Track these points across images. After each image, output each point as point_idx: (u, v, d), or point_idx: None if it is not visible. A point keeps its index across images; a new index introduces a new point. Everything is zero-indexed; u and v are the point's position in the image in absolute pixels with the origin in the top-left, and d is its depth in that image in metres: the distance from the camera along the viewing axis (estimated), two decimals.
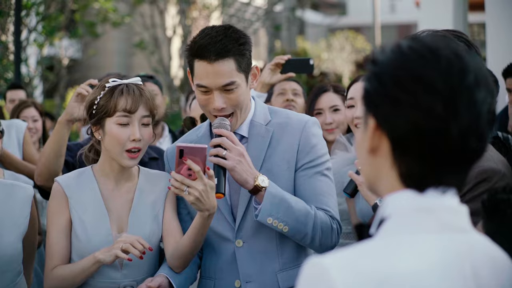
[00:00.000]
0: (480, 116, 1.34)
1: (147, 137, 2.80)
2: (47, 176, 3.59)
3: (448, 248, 1.34)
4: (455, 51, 1.36)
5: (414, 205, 1.36)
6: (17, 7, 9.14)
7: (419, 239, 1.33)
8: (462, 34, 2.47)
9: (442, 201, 1.37)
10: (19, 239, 2.81)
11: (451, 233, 1.36)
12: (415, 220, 1.35)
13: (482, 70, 1.37)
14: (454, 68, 1.33)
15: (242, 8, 18.82)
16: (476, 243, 1.39)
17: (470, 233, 1.40)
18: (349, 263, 1.30)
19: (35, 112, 5.75)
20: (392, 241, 1.34)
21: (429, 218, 1.35)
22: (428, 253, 1.32)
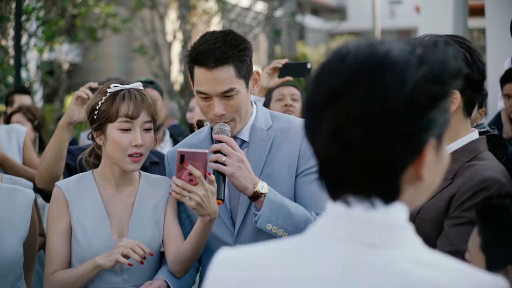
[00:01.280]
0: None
1: (148, 143, 2.80)
2: (48, 180, 3.59)
3: (347, 261, 1.25)
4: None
5: (329, 212, 1.31)
6: (18, 12, 9.14)
7: (320, 247, 1.28)
8: (464, 40, 2.47)
9: (360, 211, 1.27)
10: (20, 243, 2.81)
11: (355, 246, 1.26)
12: (322, 227, 1.30)
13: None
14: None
15: (242, 13, 18.84)
16: (383, 260, 1.24)
17: (382, 249, 1.25)
18: (236, 258, 1.32)
19: (21, 117, 5.71)
20: (290, 244, 1.32)
21: (335, 227, 1.29)
22: (324, 262, 1.26)
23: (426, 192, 1.34)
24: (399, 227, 1.27)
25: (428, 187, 1.32)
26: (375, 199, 1.26)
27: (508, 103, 5.28)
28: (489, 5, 7.37)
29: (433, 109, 1.24)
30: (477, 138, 2.48)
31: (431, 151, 1.27)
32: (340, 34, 31.98)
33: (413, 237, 1.29)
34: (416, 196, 1.31)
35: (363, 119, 1.22)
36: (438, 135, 1.28)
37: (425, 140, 1.25)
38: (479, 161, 2.40)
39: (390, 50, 1.25)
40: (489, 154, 2.46)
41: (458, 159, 2.42)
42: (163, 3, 16.53)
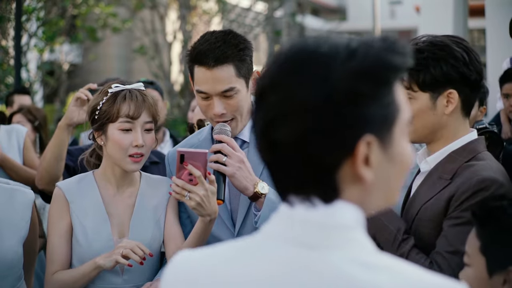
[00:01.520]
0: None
1: (149, 143, 2.80)
2: (48, 180, 3.59)
3: (282, 263, 1.21)
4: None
5: (278, 212, 1.29)
6: (18, 12, 9.15)
7: (252, 247, 1.26)
8: (462, 40, 2.47)
9: (295, 210, 1.24)
10: (19, 243, 2.80)
11: (293, 247, 1.22)
12: (270, 228, 1.28)
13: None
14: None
15: (243, 13, 18.84)
16: (323, 263, 1.20)
17: (321, 250, 1.20)
18: (191, 260, 1.31)
19: (21, 117, 5.71)
20: (241, 245, 1.29)
21: (279, 228, 1.26)
22: (259, 264, 1.23)
23: (384, 195, 1.27)
24: (342, 228, 1.21)
25: (383, 188, 1.25)
26: (315, 198, 1.22)
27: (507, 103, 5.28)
28: (489, 6, 7.37)
29: (363, 104, 1.18)
30: (476, 138, 2.48)
31: (373, 149, 1.20)
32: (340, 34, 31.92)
33: (359, 238, 1.22)
34: (367, 198, 1.24)
35: (286, 117, 1.19)
36: (378, 132, 1.20)
37: (355, 137, 1.18)
38: (478, 161, 2.40)
39: (319, 46, 1.22)
40: (487, 154, 2.46)
41: (456, 159, 2.42)
42: (163, 4, 16.53)
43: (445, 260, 2.30)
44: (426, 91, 2.42)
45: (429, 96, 2.42)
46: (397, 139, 1.24)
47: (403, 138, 1.26)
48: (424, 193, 2.47)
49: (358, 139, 1.18)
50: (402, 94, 1.26)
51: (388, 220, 2.43)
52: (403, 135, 1.26)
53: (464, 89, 2.42)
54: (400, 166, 1.26)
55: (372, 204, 1.26)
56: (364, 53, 1.20)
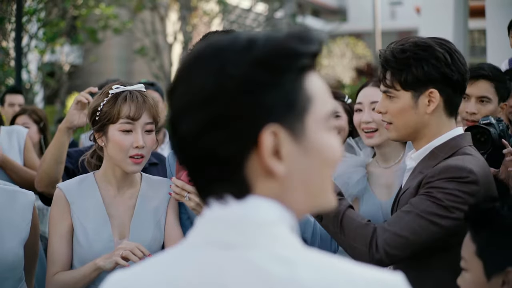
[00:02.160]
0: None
1: (150, 144, 2.80)
2: (47, 183, 3.59)
3: (194, 264, 1.18)
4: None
5: (201, 215, 1.23)
6: (18, 13, 9.15)
7: (179, 253, 1.22)
8: (446, 42, 2.52)
9: (215, 212, 1.19)
10: (20, 245, 2.80)
11: (208, 247, 1.18)
12: (192, 232, 1.23)
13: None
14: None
15: (243, 14, 18.86)
16: (236, 261, 1.15)
17: (238, 249, 1.16)
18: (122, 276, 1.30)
19: (27, 119, 5.70)
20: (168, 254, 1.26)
21: (198, 228, 1.21)
22: (174, 268, 1.20)
23: (307, 191, 1.21)
24: (259, 224, 1.16)
25: (303, 183, 1.20)
26: (227, 195, 1.17)
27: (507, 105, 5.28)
28: (489, 6, 7.37)
29: (260, 93, 1.14)
30: (459, 134, 2.52)
31: (282, 140, 1.15)
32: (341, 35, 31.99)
33: (280, 234, 1.16)
34: (286, 193, 1.19)
35: (185, 111, 1.18)
36: (285, 122, 1.15)
37: (255, 127, 1.14)
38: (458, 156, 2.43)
39: (222, 38, 1.20)
40: (470, 149, 2.49)
41: (438, 156, 2.47)
42: (163, 5, 16.55)
43: (385, 233, 2.35)
44: (408, 90, 2.47)
45: (411, 95, 2.47)
46: (312, 130, 1.18)
47: (321, 130, 1.20)
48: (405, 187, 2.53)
49: (260, 129, 1.14)
50: (319, 84, 1.22)
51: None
52: (322, 127, 1.20)
53: (446, 89, 2.46)
54: (319, 159, 1.20)
55: (296, 202, 1.20)
56: (263, 43, 1.17)
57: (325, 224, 2.44)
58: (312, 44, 1.19)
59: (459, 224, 2.28)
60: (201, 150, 1.16)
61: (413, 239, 2.32)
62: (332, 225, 2.42)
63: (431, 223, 2.31)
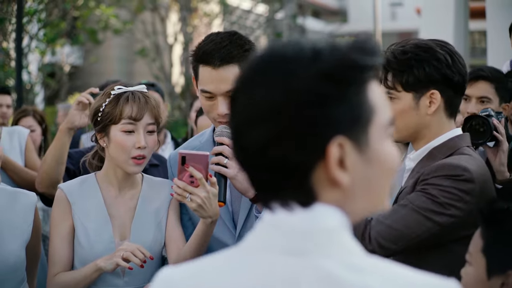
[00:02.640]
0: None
1: (151, 145, 2.80)
2: (48, 183, 3.60)
3: (258, 271, 1.19)
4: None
5: (263, 223, 1.23)
6: (19, 14, 9.16)
7: (243, 258, 1.22)
8: (446, 43, 2.55)
9: (279, 217, 1.20)
10: (22, 247, 2.80)
11: (273, 255, 1.19)
12: (253, 236, 1.23)
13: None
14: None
15: (244, 15, 18.86)
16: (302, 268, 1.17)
17: (308, 255, 1.17)
18: (176, 276, 1.27)
19: (33, 121, 5.71)
20: (224, 257, 1.25)
21: (260, 235, 1.22)
22: (241, 274, 1.20)
23: (368, 198, 1.23)
24: (325, 231, 1.18)
25: (365, 192, 1.22)
26: (293, 203, 1.19)
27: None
28: (490, 7, 7.37)
29: (330, 105, 1.15)
30: (458, 135, 2.54)
31: (347, 151, 1.17)
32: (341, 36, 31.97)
33: (345, 241, 1.19)
34: (349, 202, 1.21)
35: (252, 121, 1.18)
36: (351, 133, 1.17)
37: (323, 139, 1.15)
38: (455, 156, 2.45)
39: (285, 48, 1.20)
40: (469, 150, 2.51)
41: (436, 156, 2.49)
42: (164, 6, 16.55)
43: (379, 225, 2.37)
44: (409, 91, 2.49)
45: (412, 96, 2.49)
46: (374, 140, 1.20)
47: (383, 139, 1.21)
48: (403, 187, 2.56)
49: (328, 142, 1.15)
50: (380, 94, 1.22)
51: None
52: (383, 136, 1.21)
53: (447, 90, 2.48)
54: (381, 168, 1.22)
55: (356, 209, 1.22)
56: (329, 54, 1.18)
57: None
58: (375, 56, 1.21)
59: (454, 221, 2.31)
60: (267, 160, 1.18)
61: (406, 233, 2.35)
62: None
63: (426, 218, 2.34)
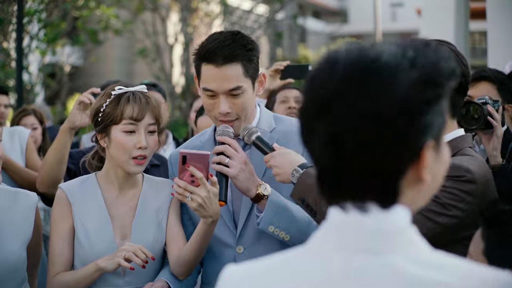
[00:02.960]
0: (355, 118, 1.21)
1: (152, 145, 2.80)
2: (49, 183, 3.60)
3: (333, 269, 1.23)
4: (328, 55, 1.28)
5: (331, 222, 1.28)
6: (19, 14, 9.15)
7: (317, 258, 1.25)
8: (448, 44, 2.55)
9: (354, 217, 1.25)
10: (23, 247, 2.80)
11: (348, 253, 1.23)
12: (321, 235, 1.28)
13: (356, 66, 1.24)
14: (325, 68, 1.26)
15: (244, 16, 18.86)
16: (380, 266, 1.22)
17: (381, 255, 1.23)
18: (243, 273, 1.30)
19: (35, 120, 5.73)
20: (293, 257, 1.29)
21: (333, 237, 1.26)
22: (318, 274, 1.23)
23: (429, 193, 1.32)
24: (401, 231, 1.24)
25: (430, 187, 1.30)
26: (372, 204, 1.24)
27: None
28: (490, 8, 7.37)
29: (428, 112, 1.21)
30: (461, 136, 2.54)
31: (430, 152, 1.24)
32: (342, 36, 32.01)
33: (415, 239, 1.25)
34: (418, 198, 1.29)
35: (356, 125, 1.20)
36: (436, 137, 1.25)
37: (422, 143, 1.22)
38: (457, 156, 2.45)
39: (380, 55, 1.23)
40: (471, 151, 2.52)
41: None
42: (164, 6, 16.55)
43: None
44: None
45: None
46: (442, 141, 1.30)
47: (443, 139, 1.31)
48: None
49: (422, 146, 1.22)
50: None
51: (313, 180, 2.46)
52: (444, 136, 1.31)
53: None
54: (444, 164, 1.32)
55: (420, 203, 1.31)
56: (422, 62, 1.23)
57: (319, 219, 2.45)
58: (453, 63, 1.29)
59: (456, 222, 2.30)
60: (362, 165, 1.21)
61: None
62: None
63: (427, 219, 2.33)
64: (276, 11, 19.55)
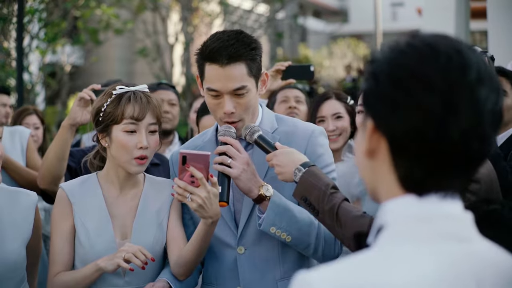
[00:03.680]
0: (483, 116, 1.25)
1: (153, 145, 2.80)
2: (49, 180, 3.60)
3: (446, 260, 1.24)
4: (456, 47, 1.28)
5: (412, 213, 1.28)
6: (20, 14, 9.14)
7: (414, 250, 1.25)
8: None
9: (443, 208, 1.28)
10: (23, 246, 2.81)
11: (451, 243, 1.26)
12: (413, 230, 1.27)
13: (486, 67, 1.28)
14: (454, 65, 1.25)
15: (244, 15, 18.84)
16: (480, 252, 1.29)
17: (473, 242, 1.29)
18: (335, 277, 1.23)
19: (37, 119, 5.74)
20: (385, 252, 1.26)
21: (428, 227, 1.27)
22: (422, 265, 1.23)
23: None
24: (467, 217, 1.31)
25: None
26: (455, 192, 1.30)
27: None
28: (491, 8, 7.37)
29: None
30: None
31: None
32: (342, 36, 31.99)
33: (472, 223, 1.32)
34: None
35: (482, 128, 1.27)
36: None
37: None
38: None
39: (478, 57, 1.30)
40: None
41: None
42: (165, 5, 16.54)
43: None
44: None
45: None
46: None
47: None
48: None
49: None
50: None
51: (316, 179, 2.45)
52: None
53: None
54: None
55: None
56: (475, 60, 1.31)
57: (322, 218, 2.44)
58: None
59: None
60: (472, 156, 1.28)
61: None
62: (328, 218, 2.42)
63: None
64: (277, 10, 19.54)
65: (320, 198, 2.43)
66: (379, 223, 1.34)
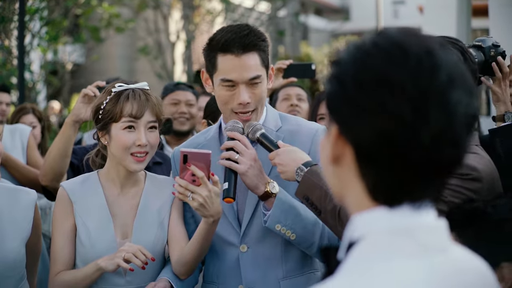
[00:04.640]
0: (455, 120, 1.18)
1: (153, 142, 2.79)
2: (51, 177, 3.60)
3: (431, 273, 1.18)
4: (426, 47, 1.19)
5: (387, 226, 1.20)
6: (21, 12, 9.14)
7: (396, 265, 1.17)
8: (457, 41, 2.53)
9: (418, 218, 1.21)
10: (22, 244, 2.80)
11: (431, 255, 1.20)
12: (390, 244, 1.19)
13: (458, 68, 1.21)
14: (423, 67, 1.17)
15: (246, 13, 18.85)
16: (459, 260, 1.24)
17: (450, 250, 1.24)
18: None
19: (33, 118, 5.72)
20: (365, 270, 1.18)
21: (406, 241, 1.19)
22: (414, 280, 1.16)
23: None
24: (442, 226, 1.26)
25: None
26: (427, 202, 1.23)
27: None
28: (492, 5, 7.35)
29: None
30: None
31: None
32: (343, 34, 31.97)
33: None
34: None
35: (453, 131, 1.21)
36: None
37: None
38: None
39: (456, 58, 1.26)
40: (477, 149, 2.51)
41: None
42: (166, 3, 16.55)
43: None
44: None
45: None
46: None
47: None
48: None
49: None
50: None
51: (318, 179, 2.44)
52: None
53: None
54: None
55: None
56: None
57: (324, 217, 2.44)
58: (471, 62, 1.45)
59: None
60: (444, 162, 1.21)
61: None
62: (330, 218, 2.42)
63: None
64: (278, 8, 19.55)
65: (322, 198, 2.42)
66: (350, 237, 1.24)
